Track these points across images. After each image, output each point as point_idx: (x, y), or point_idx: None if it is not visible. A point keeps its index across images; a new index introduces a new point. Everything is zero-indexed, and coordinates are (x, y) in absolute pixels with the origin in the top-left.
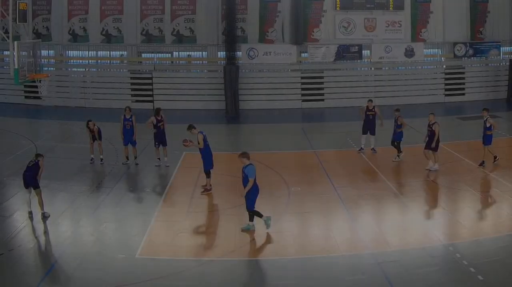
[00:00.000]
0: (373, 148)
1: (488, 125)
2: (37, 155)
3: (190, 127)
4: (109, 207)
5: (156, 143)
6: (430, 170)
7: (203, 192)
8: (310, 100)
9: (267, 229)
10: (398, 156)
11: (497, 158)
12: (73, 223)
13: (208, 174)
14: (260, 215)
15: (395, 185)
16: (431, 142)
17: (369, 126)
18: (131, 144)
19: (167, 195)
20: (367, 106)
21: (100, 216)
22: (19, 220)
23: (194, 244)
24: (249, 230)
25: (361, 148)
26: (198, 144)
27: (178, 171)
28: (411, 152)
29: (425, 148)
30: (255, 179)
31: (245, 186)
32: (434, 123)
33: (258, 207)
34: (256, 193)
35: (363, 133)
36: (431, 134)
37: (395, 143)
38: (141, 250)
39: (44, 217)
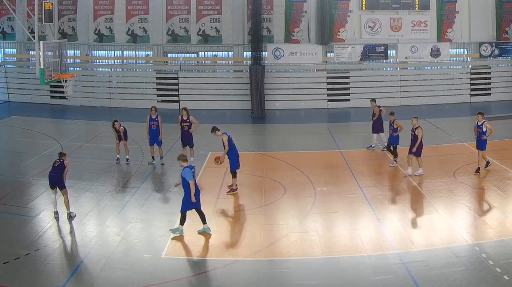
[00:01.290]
0: (371, 146)
1: (484, 129)
2: (61, 154)
3: (214, 129)
4: (134, 207)
5: (183, 143)
6: (414, 175)
7: (228, 192)
8: (336, 100)
9: (172, 234)
10: (395, 161)
11: (489, 163)
12: (99, 223)
13: (234, 174)
14: (181, 222)
15: (420, 185)
16: (413, 147)
17: (375, 126)
18: (156, 144)
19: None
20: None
21: (126, 216)
22: (45, 220)
23: (219, 244)
24: (179, 233)
25: (384, 146)
26: (224, 147)
27: (204, 171)
28: (435, 151)
29: (409, 153)
30: (194, 181)
31: (184, 188)
32: (417, 127)
33: (284, 207)
34: (194, 194)
35: (373, 133)
36: (414, 139)
37: (391, 147)
38: (167, 250)
39: (70, 217)
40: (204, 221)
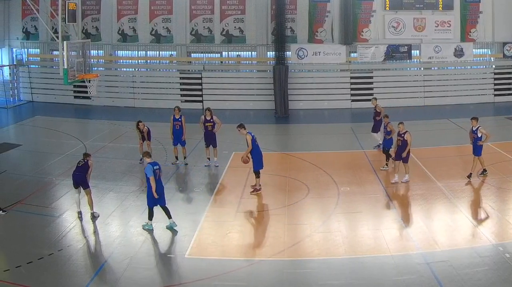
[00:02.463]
0: (377, 145)
1: (479, 135)
2: (85, 155)
3: (240, 126)
4: (158, 207)
5: (206, 143)
6: (402, 182)
7: (252, 191)
8: (360, 100)
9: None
10: (386, 164)
11: (486, 172)
12: (122, 223)
13: (257, 174)
14: (149, 217)
15: (444, 185)
16: (402, 153)
17: (374, 125)
18: (180, 144)
19: (217, 195)
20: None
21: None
22: (69, 220)
23: (243, 244)
24: (148, 228)
25: (379, 144)
26: (248, 146)
27: (228, 171)
28: (459, 151)
29: (395, 159)
30: (154, 177)
31: (147, 184)
32: (405, 132)
33: (308, 207)
34: (156, 190)
35: (372, 132)
36: (403, 144)
37: (385, 150)
38: (191, 250)
39: (94, 217)
40: (169, 216)
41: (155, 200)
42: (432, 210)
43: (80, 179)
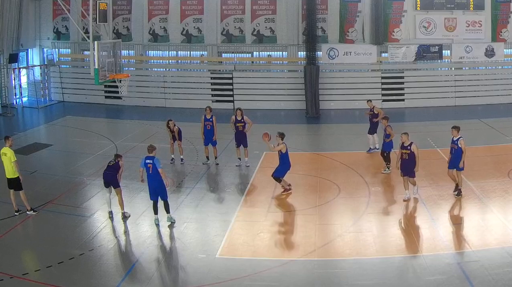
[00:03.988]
0: (375, 147)
1: (460, 146)
2: (116, 156)
3: (280, 134)
4: (189, 207)
5: (237, 143)
6: (414, 197)
7: (283, 192)
8: (391, 100)
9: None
10: (387, 167)
11: (461, 194)
12: (153, 223)
13: (277, 179)
14: (155, 211)
15: (475, 185)
16: (409, 167)
17: (370, 127)
18: (211, 144)
19: (247, 195)
20: (369, 107)
21: (180, 216)
22: (100, 220)
23: (274, 244)
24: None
25: (370, 148)
26: (273, 147)
27: (258, 171)
28: (490, 151)
29: (403, 175)
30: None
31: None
32: (411, 144)
33: (339, 207)
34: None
35: (368, 133)
36: (410, 157)
37: (385, 154)
38: (221, 250)
39: (124, 217)
40: (155, 212)
41: (154, 193)
42: (463, 210)
43: (111, 178)
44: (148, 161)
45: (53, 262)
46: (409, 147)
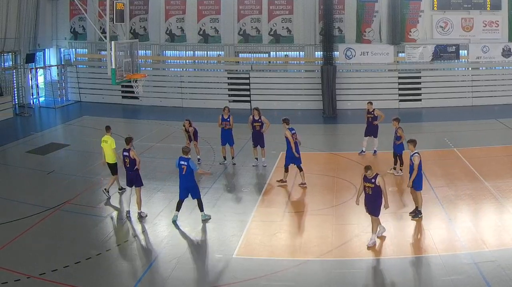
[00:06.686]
0: (375, 150)
1: (414, 162)
2: (127, 140)
3: (284, 120)
4: (206, 207)
5: (254, 143)
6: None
7: (278, 180)
8: (408, 100)
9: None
10: (400, 169)
11: (421, 215)
12: (170, 223)
13: (286, 169)
14: (177, 208)
15: (492, 185)
16: (379, 203)
17: (369, 129)
18: (228, 143)
19: (264, 195)
20: (368, 109)
21: (197, 216)
22: (117, 220)
23: (291, 244)
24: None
25: (362, 150)
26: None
27: (275, 170)
28: (507, 151)
29: (368, 213)
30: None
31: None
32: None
33: (356, 207)
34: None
35: (364, 136)
36: (374, 192)
37: (397, 156)
38: (238, 250)
39: (141, 217)
40: (177, 209)
41: (185, 192)
42: (480, 209)
43: (133, 177)
44: (182, 163)
45: (70, 262)
46: (373, 180)
